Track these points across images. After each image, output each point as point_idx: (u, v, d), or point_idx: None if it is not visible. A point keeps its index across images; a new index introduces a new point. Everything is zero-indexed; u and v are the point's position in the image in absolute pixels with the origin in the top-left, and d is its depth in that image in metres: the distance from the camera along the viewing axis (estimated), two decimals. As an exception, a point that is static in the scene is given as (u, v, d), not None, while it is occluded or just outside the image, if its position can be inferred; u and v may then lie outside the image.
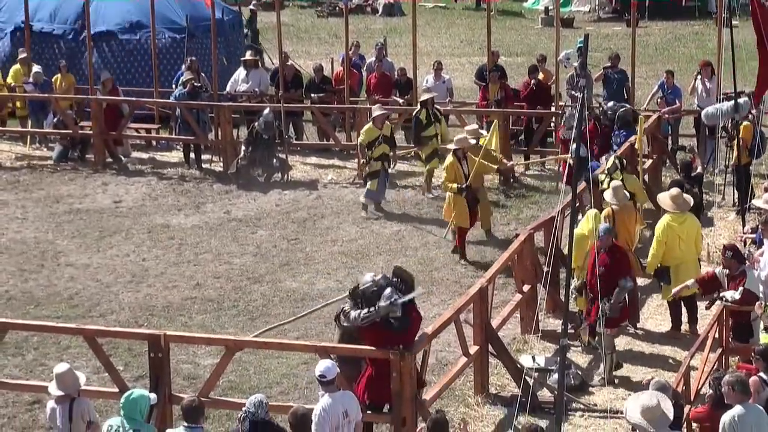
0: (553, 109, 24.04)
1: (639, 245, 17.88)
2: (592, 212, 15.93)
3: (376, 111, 21.34)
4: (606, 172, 18.07)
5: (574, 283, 15.19)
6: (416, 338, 12.71)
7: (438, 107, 22.61)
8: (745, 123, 20.47)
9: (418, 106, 22.31)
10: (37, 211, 22.11)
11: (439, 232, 20.18)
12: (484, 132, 21.29)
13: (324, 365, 11.68)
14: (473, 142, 19.81)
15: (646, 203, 19.21)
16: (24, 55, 26.65)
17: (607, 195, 16.60)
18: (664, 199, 16.37)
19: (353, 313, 12.54)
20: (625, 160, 18.50)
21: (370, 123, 21.22)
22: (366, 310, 12.44)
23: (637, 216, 16.81)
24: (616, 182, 16.83)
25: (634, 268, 15.81)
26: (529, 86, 24.30)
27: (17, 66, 26.58)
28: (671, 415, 10.61)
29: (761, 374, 11.81)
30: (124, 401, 11.06)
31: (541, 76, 24.83)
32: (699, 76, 23.88)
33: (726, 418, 10.92)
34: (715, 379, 11.78)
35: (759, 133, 20.77)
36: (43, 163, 25.14)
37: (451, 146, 19.84)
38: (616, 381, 14.71)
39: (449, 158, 19.56)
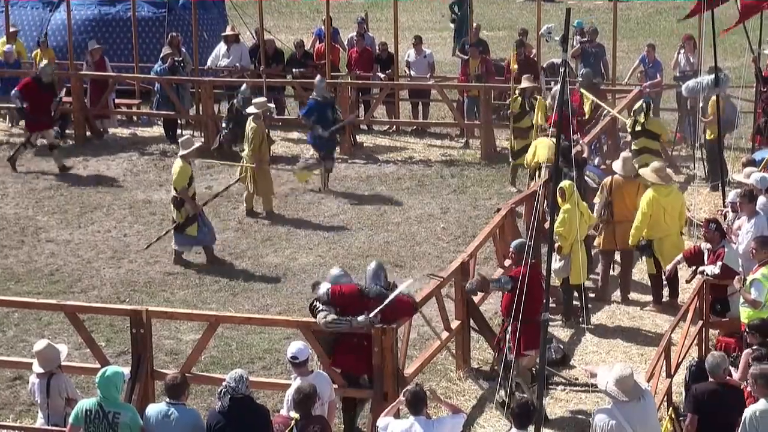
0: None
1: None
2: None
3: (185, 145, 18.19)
4: (632, 113, 18.22)
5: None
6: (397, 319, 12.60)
7: (536, 96, 21.41)
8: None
9: (516, 92, 21.34)
10: (17, 187, 22.02)
11: (421, 206, 20.14)
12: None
13: (296, 347, 11.34)
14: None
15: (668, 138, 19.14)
16: None
17: (616, 165, 16.43)
18: (646, 172, 16.35)
19: (320, 315, 12.33)
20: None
21: (182, 162, 17.79)
22: (336, 318, 12.26)
23: (639, 188, 16.50)
24: (626, 153, 16.65)
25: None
26: (516, 63, 24.16)
27: None
28: (644, 386, 10.78)
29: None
30: (100, 379, 10.79)
31: (522, 50, 24.76)
32: (682, 50, 23.88)
33: (747, 413, 10.66)
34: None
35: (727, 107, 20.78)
36: (22, 139, 24.99)
37: None
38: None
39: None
